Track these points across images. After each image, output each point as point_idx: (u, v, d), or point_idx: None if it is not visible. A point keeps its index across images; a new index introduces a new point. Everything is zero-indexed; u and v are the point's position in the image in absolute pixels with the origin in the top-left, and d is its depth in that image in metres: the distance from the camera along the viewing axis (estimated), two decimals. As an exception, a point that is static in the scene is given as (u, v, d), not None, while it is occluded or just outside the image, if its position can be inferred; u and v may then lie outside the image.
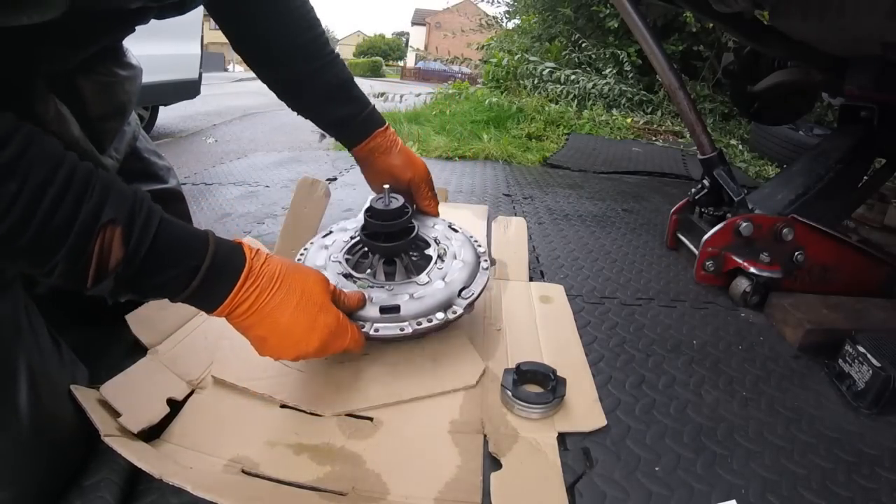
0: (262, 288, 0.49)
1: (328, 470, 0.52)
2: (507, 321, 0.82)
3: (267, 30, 0.69)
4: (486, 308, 0.85)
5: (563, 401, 0.63)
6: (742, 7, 1.08)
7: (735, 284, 0.99)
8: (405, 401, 0.62)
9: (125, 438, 0.50)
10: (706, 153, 1.09)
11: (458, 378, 0.66)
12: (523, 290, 0.93)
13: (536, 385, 0.65)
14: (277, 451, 0.54)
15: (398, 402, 0.62)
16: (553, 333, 0.81)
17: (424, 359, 0.69)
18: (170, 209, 0.44)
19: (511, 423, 0.60)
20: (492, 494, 0.50)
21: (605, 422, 0.63)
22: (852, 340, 0.74)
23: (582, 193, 1.73)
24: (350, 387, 0.64)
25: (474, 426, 0.60)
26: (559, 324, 0.84)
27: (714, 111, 3.86)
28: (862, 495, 0.56)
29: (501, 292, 0.91)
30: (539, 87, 4.01)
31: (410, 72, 28.67)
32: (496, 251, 1.08)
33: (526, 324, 0.83)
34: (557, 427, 0.61)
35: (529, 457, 0.56)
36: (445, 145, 2.29)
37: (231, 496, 0.45)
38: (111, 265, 0.40)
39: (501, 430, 0.59)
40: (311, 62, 0.72)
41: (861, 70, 1.11)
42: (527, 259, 1.05)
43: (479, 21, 6.47)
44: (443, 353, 0.70)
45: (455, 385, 0.65)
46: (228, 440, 0.56)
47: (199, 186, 1.57)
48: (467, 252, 0.76)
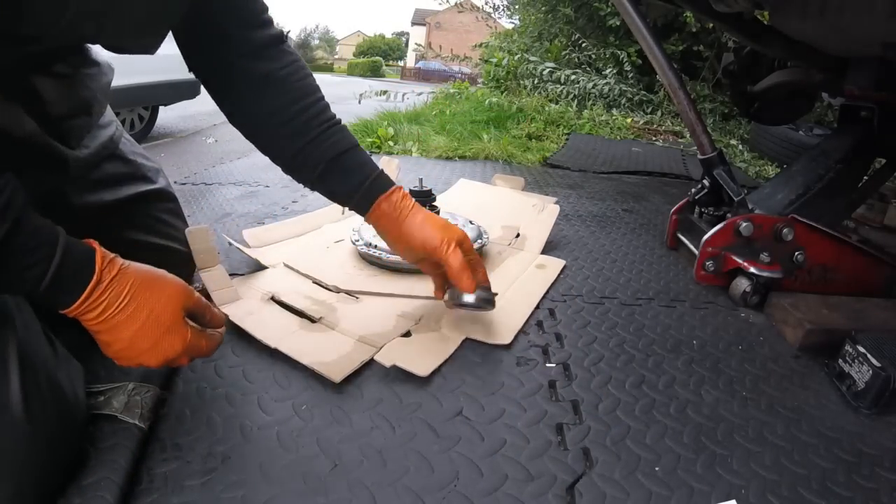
0: (109, 303, 0.49)
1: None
2: (497, 274, 1.00)
3: (252, 106, 0.68)
4: (486, 265, 0.94)
5: (483, 312, 0.79)
6: (742, 7, 1.08)
7: (735, 284, 0.99)
8: (387, 293, 0.89)
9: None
10: (706, 153, 1.09)
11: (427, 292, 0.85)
12: (528, 259, 1.09)
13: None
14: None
15: (386, 293, 0.89)
16: (523, 285, 0.97)
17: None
18: (159, 209, 0.44)
19: (442, 320, 0.81)
20: (386, 346, 0.72)
21: (508, 341, 0.78)
22: (852, 340, 0.74)
23: (582, 193, 1.72)
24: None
25: (415, 316, 0.83)
26: (535, 282, 0.99)
27: (714, 111, 3.86)
28: (862, 495, 0.56)
29: (508, 257, 1.08)
30: (539, 87, 4.01)
31: (410, 72, 28.68)
32: (525, 227, 1.21)
33: (510, 277, 0.99)
34: (466, 332, 0.78)
35: (431, 337, 0.78)
36: (445, 145, 2.29)
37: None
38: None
39: (430, 323, 0.81)
40: (298, 139, 0.68)
41: (861, 70, 1.11)
42: (545, 238, 1.17)
43: (479, 19, 6.47)
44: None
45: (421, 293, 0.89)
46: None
47: (199, 186, 1.57)
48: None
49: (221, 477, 0.52)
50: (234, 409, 0.61)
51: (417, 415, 0.63)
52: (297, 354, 0.70)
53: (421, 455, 0.57)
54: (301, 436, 0.58)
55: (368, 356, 0.71)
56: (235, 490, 0.51)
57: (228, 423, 0.59)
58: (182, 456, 0.54)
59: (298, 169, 0.72)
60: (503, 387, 0.69)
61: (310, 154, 0.69)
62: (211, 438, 0.57)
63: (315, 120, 0.69)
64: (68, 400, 0.51)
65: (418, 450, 0.57)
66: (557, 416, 0.64)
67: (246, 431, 0.58)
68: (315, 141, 0.68)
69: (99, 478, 0.49)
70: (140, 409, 0.58)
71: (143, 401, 0.59)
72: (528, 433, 0.61)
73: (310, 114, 0.68)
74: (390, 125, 2.61)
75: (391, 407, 0.64)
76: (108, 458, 0.51)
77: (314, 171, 0.70)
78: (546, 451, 0.59)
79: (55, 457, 0.48)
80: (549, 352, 0.78)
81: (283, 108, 0.67)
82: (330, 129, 0.70)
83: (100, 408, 0.57)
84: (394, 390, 0.66)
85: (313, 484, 0.52)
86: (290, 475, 0.53)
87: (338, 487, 0.52)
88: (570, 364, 0.75)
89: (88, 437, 0.54)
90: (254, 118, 0.69)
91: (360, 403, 0.64)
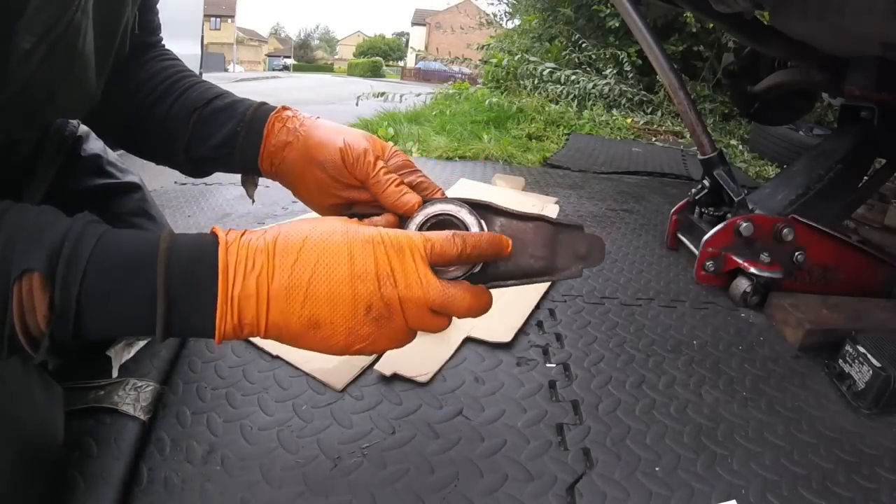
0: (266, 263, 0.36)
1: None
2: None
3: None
4: None
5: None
6: (742, 7, 1.08)
7: (735, 285, 0.99)
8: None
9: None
10: (706, 153, 1.09)
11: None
12: None
13: None
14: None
15: None
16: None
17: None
18: (127, 207, 0.38)
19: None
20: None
21: (508, 339, 0.77)
22: (852, 340, 0.74)
23: (582, 193, 1.72)
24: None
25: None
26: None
27: (714, 111, 3.85)
28: (862, 495, 0.56)
29: None
30: (539, 87, 4.00)
31: (410, 72, 28.67)
32: None
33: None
34: (466, 331, 0.77)
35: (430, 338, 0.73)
36: (446, 145, 2.29)
37: None
38: (42, 325, 0.33)
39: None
40: (165, 102, 0.56)
41: (861, 70, 1.11)
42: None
43: (480, 20, 6.47)
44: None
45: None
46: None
47: (199, 186, 1.57)
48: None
49: (221, 477, 0.52)
50: (234, 410, 0.61)
51: (417, 415, 0.63)
52: (299, 362, 0.70)
53: (421, 455, 0.57)
54: (301, 436, 0.58)
55: (369, 361, 0.71)
56: (235, 491, 0.51)
57: (228, 424, 0.59)
58: (182, 456, 0.54)
59: (171, 135, 0.56)
60: (503, 387, 0.69)
61: (179, 111, 0.55)
62: (211, 438, 0.57)
63: (180, 82, 0.57)
64: (30, 437, 0.44)
65: (418, 450, 0.57)
66: (557, 416, 0.64)
67: (246, 432, 0.58)
68: (182, 96, 0.56)
69: (101, 468, 0.49)
70: (140, 402, 0.58)
71: (143, 395, 0.59)
72: (529, 433, 0.61)
73: (174, 79, 0.58)
74: (390, 125, 2.61)
75: (391, 407, 0.64)
76: (109, 450, 0.51)
77: (188, 126, 0.55)
78: (546, 452, 0.59)
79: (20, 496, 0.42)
80: (550, 352, 0.78)
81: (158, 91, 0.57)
82: (198, 84, 0.58)
83: (100, 401, 0.57)
84: (394, 391, 0.66)
85: (314, 485, 0.52)
86: (290, 476, 0.53)
87: (338, 488, 0.52)
88: (571, 364, 0.75)
89: (89, 429, 0.54)
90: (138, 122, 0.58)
91: (361, 404, 0.64)
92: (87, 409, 0.56)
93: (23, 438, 0.43)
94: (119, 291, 0.34)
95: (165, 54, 0.61)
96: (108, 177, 0.70)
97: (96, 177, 0.69)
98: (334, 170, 0.50)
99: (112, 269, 0.34)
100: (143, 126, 0.57)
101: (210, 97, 0.56)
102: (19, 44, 0.36)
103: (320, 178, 0.50)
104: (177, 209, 1.33)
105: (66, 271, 0.32)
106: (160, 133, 0.57)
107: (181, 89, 0.56)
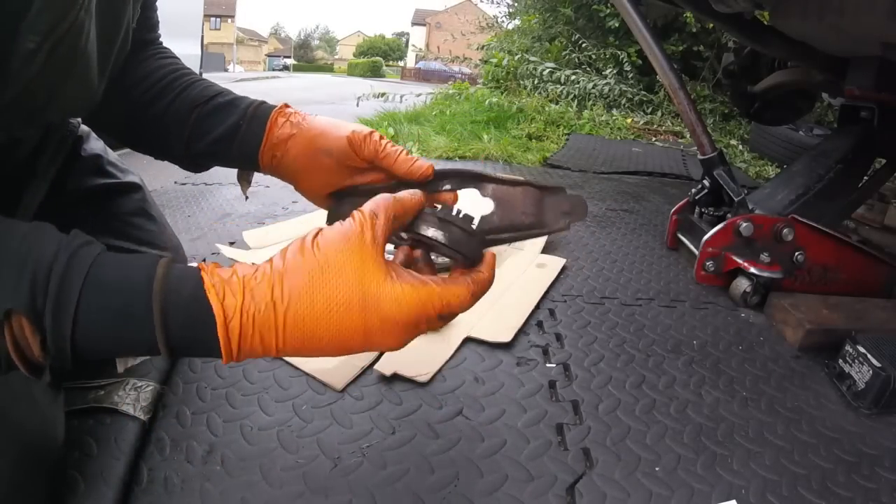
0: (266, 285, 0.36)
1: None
2: (497, 273, 0.95)
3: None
4: None
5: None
6: (742, 7, 1.08)
7: (735, 284, 0.99)
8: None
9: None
10: (706, 153, 1.09)
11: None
12: (528, 258, 1.09)
13: None
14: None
15: None
16: (523, 284, 0.96)
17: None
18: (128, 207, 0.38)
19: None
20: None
21: (509, 339, 0.77)
22: (852, 340, 0.74)
23: (582, 193, 1.73)
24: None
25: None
26: (535, 280, 0.99)
27: (714, 111, 3.86)
28: (862, 495, 0.56)
29: (508, 256, 1.08)
30: (539, 87, 4.01)
31: (410, 72, 28.69)
32: None
33: (510, 277, 0.99)
34: (467, 331, 0.78)
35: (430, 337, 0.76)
36: (446, 145, 2.29)
37: None
38: (39, 359, 0.32)
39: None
40: (165, 97, 0.56)
41: (861, 70, 1.11)
42: (545, 238, 1.16)
43: (480, 22, 6.48)
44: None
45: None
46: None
47: (199, 186, 1.57)
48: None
49: (221, 477, 0.52)
50: (234, 410, 0.61)
51: (417, 415, 0.63)
52: (299, 361, 0.70)
53: (421, 455, 0.57)
54: (301, 436, 0.58)
55: (369, 361, 0.71)
56: (235, 491, 0.51)
57: (228, 424, 0.59)
58: (182, 456, 0.54)
59: (171, 131, 0.56)
60: (503, 387, 0.69)
61: (179, 107, 0.56)
62: (211, 438, 0.57)
63: (179, 80, 0.58)
64: (31, 438, 0.45)
65: (418, 450, 0.57)
66: (557, 416, 0.64)
67: (246, 432, 0.58)
68: (183, 93, 0.57)
69: (101, 468, 0.49)
70: (140, 402, 0.58)
71: (143, 395, 0.59)
72: (528, 433, 0.61)
73: (173, 76, 0.58)
74: (391, 125, 2.61)
75: (391, 407, 0.64)
76: (109, 450, 0.51)
77: (189, 122, 0.55)
78: (546, 452, 0.59)
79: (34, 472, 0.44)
80: (550, 352, 0.78)
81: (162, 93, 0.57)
82: (198, 82, 0.58)
83: (100, 401, 0.57)
84: (394, 391, 0.67)
85: (314, 485, 0.52)
86: (290, 476, 0.53)
87: (338, 488, 0.52)
88: (571, 364, 0.75)
89: (89, 429, 0.54)
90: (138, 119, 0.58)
91: (361, 404, 0.64)
92: (87, 409, 0.56)
93: (23, 439, 0.44)
94: (119, 341, 0.34)
95: (164, 52, 0.62)
96: (109, 177, 0.71)
97: (97, 177, 0.69)
98: (341, 154, 0.51)
99: (105, 310, 0.33)
100: (140, 121, 0.58)
101: (211, 94, 0.57)
102: (23, 44, 0.36)
103: (327, 164, 0.52)
104: (177, 209, 1.33)
105: (54, 313, 0.31)
106: (159, 129, 0.57)
107: (181, 87, 0.57)
